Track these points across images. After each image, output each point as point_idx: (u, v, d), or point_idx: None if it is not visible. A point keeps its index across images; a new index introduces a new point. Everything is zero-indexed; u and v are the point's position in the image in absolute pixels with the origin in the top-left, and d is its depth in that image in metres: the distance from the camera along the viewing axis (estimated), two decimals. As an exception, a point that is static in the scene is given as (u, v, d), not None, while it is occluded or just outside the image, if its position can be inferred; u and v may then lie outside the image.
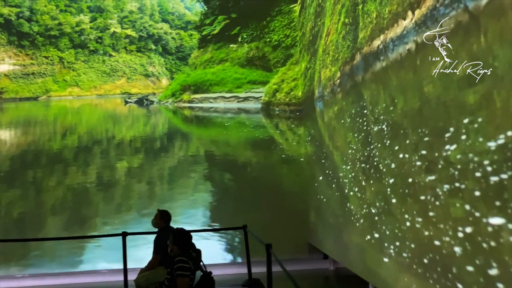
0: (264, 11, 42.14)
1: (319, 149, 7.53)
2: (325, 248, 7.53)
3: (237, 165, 17.03)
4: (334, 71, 5.96)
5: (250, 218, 9.44)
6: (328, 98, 6.36)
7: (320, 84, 6.82)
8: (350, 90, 5.52)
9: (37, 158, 20.28)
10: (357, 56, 5.23)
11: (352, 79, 5.41)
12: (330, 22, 6.32)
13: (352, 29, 5.44)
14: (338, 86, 5.87)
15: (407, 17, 3.75)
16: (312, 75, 7.63)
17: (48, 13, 61.29)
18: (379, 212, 4.86)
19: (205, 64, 46.31)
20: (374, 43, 4.60)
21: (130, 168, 17.35)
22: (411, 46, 3.74)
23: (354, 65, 5.32)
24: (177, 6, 76.77)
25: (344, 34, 5.67)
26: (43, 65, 61.37)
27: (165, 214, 5.47)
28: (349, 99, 5.60)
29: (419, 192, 3.80)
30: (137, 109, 46.69)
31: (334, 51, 5.94)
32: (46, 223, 10.90)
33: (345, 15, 5.66)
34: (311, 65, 7.81)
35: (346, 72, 5.58)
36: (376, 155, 4.87)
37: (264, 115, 31.45)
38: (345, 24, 5.62)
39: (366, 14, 4.91)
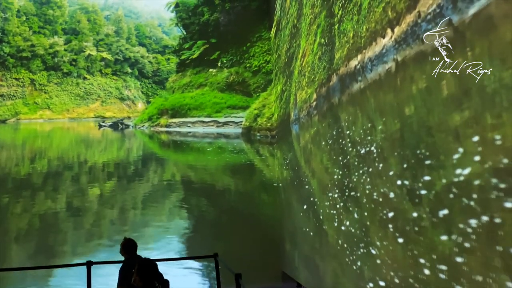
0: (244, 36, 42.57)
1: (295, 174, 7.27)
2: (299, 277, 7.22)
3: (214, 192, 16.63)
4: (310, 93, 5.74)
5: (225, 245, 9.33)
6: (304, 121, 6.12)
7: (296, 107, 6.60)
8: (326, 113, 5.29)
9: (2, 183, 19.30)
10: (334, 77, 5.02)
11: (329, 101, 5.19)
12: (305, 43, 6.16)
13: (328, 50, 5.26)
14: (315, 109, 5.64)
15: (386, 35, 3.56)
16: (287, 98, 7.42)
17: (20, 34, 60.21)
18: (357, 242, 4.58)
19: (184, 88, 46.17)
20: (351, 63, 4.40)
21: (102, 194, 16.70)
22: (390, 66, 3.52)
23: (330, 86, 5.11)
24: (154, 30, 77.16)
25: (320, 55, 5.49)
26: (13, 87, 59.89)
27: (128, 244, 5.05)
28: (325, 122, 5.36)
29: (401, 222, 3.52)
30: (111, 133, 45.85)
31: (310, 73, 5.74)
32: (10, 253, 10.26)
33: (321, 35, 5.50)
34: (287, 87, 7.62)
35: (323, 94, 5.37)
36: (354, 182, 4.61)
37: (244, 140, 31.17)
38: (321, 45, 5.42)
39: (343, 34, 4.72)
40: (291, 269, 7.81)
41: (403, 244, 3.62)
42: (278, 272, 8.60)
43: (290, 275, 7.90)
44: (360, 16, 4.23)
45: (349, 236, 4.87)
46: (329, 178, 5.30)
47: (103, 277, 7.42)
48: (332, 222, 5.51)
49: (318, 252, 6.11)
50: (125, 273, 4.69)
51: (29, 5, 64.02)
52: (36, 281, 8.66)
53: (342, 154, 4.86)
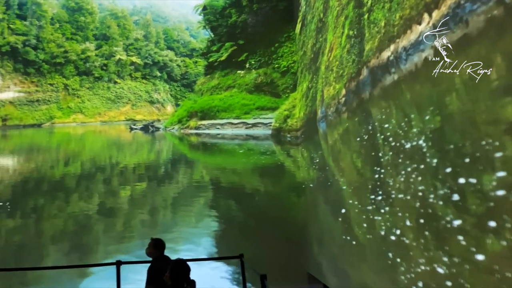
0: (272, 37, 42.18)
1: (323, 175, 6.97)
2: (327, 280, 6.94)
3: (243, 193, 16.59)
4: (338, 88, 5.42)
5: (252, 246, 9.30)
6: (332, 118, 5.80)
7: (323, 104, 6.28)
8: (356, 109, 4.96)
9: (38, 185, 19.97)
10: (364, 70, 4.69)
11: (359, 96, 4.86)
12: (333, 36, 5.85)
13: (357, 42, 4.93)
14: (343, 105, 5.31)
15: (423, 21, 3.23)
16: (314, 95, 7.12)
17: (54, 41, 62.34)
18: (392, 247, 4.25)
19: (212, 91, 46.45)
20: (383, 55, 4.08)
21: (133, 196, 16.97)
22: (428, 54, 3.18)
23: (360, 80, 4.78)
24: (182, 34, 78.01)
25: (349, 47, 5.17)
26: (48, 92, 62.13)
27: (158, 243, 4.97)
28: (355, 119, 5.03)
29: (440, 226, 3.18)
30: (141, 135, 46.49)
31: (338, 67, 5.43)
32: (46, 253, 10.54)
33: (349, 27, 5.18)
34: (313, 84, 7.31)
35: (352, 89, 5.04)
36: (388, 182, 4.26)
37: (274, 142, 30.62)
38: (350, 37, 5.11)
39: (373, 24, 4.39)
40: (317, 271, 7.58)
41: (444, 250, 3.27)
42: (303, 273, 8.45)
43: (316, 277, 7.70)
44: (393, 3, 3.91)
45: (382, 240, 4.55)
46: (360, 179, 4.98)
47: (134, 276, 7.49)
48: (363, 225, 5.19)
49: (348, 256, 5.84)
50: (155, 272, 4.66)
51: (62, 13, 66.43)
52: (71, 280, 8.78)
53: (375, 152, 4.53)
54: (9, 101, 55.46)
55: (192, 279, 4.32)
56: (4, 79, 54.53)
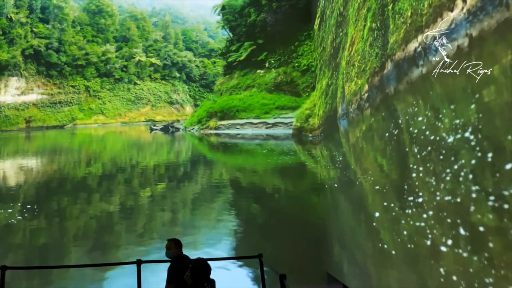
0: (292, 35, 41.68)
1: (343, 174, 6.72)
2: (346, 279, 6.73)
3: (263, 193, 16.46)
4: (360, 84, 5.14)
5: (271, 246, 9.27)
6: (354, 115, 5.52)
7: (343, 101, 6.01)
8: (380, 105, 4.70)
9: (61, 186, 20.33)
10: (388, 64, 4.43)
11: (383, 92, 4.59)
12: (354, 30, 5.58)
13: (380, 34, 4.67)
14: (366, 101, 5.05)
15: (456, 7, 2.96)
16: (334, 92, 6.85)
17: (75, 43, 63.58)
18: (418, 251, 3.98)
19: (231, 90, 46.31)
20: (409, 47, 3.81)
21: (153, 196, 17.05)
22: (462, 42, 2.90)
23: (384, 75, 4.52)
24: (200, 35, 78.43)
25: (371, 41, 4.91)
26: (70, 94, 63.40)
27: (178, 242, 5.12)
28: (379, 116, 4.76)
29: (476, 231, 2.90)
30: (161, 136, 46.85)
31: (360, 62, 5.15)
32: (69, 252, 10.67)
33: (372, 20, 4.91)
34: (333, 81, 7.04)
35: (375, 84, 4.78)
36: (416, 183, 3.99)
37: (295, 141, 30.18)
38: (372, 30, 4.85)
39: (398, 14, 4.12)
40: (337, 271, 7.40)
41: (478, 257, 2.99)
42: (322, 273, 8.31)
43: (336, 277, 7.52)
44: (420, -9, 3.64)
45: (409, 243, 4.28)
46: (385, 179, 4.70)
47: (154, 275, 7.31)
48: (388, 227, 4.93)
49: (370, 258, 5.62)
50: (174, 271, 4.74)
51: (83, 15, 67.74)
52: (93, 279, 8.82)
53: (400, 151, 4.26)
54: (33, 103, 57.14)
55: (212, 278, 4.32)
56: (28, 82, 56.18)
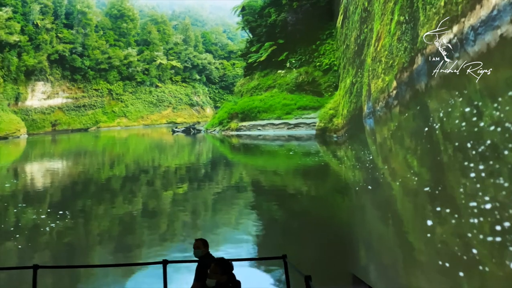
0: (313, 35, 41.08)
1: (370, 175, 6.48)
2: (372, 281, 6.53)
3: (284, 195, 16.23)
4: (388, 80, 4.89)
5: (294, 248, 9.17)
6: (381, 113, 5.26)
7: (369, 99, 5.76)
8: (410, 102, 4.46)
9: (86, 187, 20.68)
10: (418, 58, 4.19)
11: (413, 88, 4.36)
12: (380, 25, 5.34)
13: (409, 28, 4.43)
14: (395, 98, 4.81)
15: (497, -9, 2.72)
16: (359, 90, 6.61)
17: (98, 47, 64.91)
18: (452, 257, 3.75)
19: (252, 91, 46.02)
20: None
21: (175, 197, 17.12)
22: (506, 30, 2.65)
23: (414, 70, 4.28)
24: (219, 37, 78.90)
25: (399, 35, 4.67)
26: (94, 97, 64.68)
27: (205, 242, 5.20)
28: (409, 113, 4.53)
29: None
30: (183, 138, 47.12)
31: (387, 57, 4.89)
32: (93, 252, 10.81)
33: (400, 13, 4.66)
34: (358, 78, 6.80)
35: (404, 80, 4.54)
36: (451, 184, 3.74)
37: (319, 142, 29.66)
38: (400, 23, 4.61)
39: (429, 5, 3.88)
40: (363, 273, 7.22)
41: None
42: (348, 275, 8.14)
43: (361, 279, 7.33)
44: (455, -22, 3.39)
45: (442, 249, 4.04)
46: (416, 180, 4.45)
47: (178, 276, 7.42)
48: (418, 231, 4.70)
49: (399, 262, 5.41)
50: (201, 270, 4.79)
51: (105, 20, 69.14)
52: (117, 279, 8.88)
53: (433, 151, 4.01)
54: (58, 107, 58.75)
55: (238, 280, 4.36)
56: (54, 86, 57.79)
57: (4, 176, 24.78)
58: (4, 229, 12.34)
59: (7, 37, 50.69)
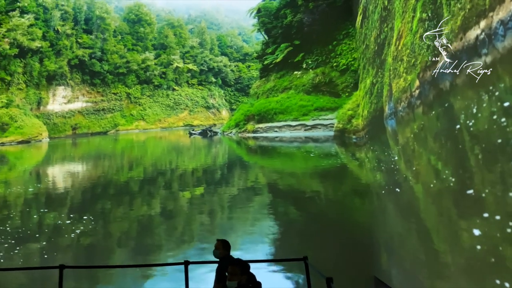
0: (329, 35, 40.61)
1: (391, 178, 6.33)
2: (395, 285, 6.37)
3: (302, 197, 16.13)
4: (410, 80, 4.75)
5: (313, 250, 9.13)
6: (403, 114, 5.11)
7: (391, 99, 5.60)
8: (434, 102, 4.31)
9: (105, 190, 20.98)
10: (442, 56, 4.03)
11: (437, 87, 4.22)
12: (401, 23, 5.20)
13: (432, 25, 4.29)
14: (417, 98, 4.67)
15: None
16: (379, 90, 6.46)
17: (117, 52, 66.06)
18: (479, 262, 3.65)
19: (268, 93, 45.85)
20: (468, 35, 3.43)
21: (192, 199, 17.20)
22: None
23: (438, 68, 4.12)
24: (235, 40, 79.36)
25: (422, 32, 4.52)
26: (112, 101, 65.79)
27: (226, 243, 5.16)
28: (433, 114, 4.38)
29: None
30: (200, 140, 47.39)
31: (409, 56, 4.75)
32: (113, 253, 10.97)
33: (422, 10, 4.52)
34: (378, 79, 6.65)
35: (427, 79, 4.40)
36: (477, 187, 3.59)
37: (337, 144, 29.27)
38: (423, 20, 4.47)
39: (454, 0, 3.76)
40: (385, 275, 7.08)
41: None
42: (369, 277, 8.01)
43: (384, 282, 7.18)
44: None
45: (470, 253, 3.88)
46: (441, 183, 4.30)
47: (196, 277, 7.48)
48: (444, 235, 4.55)
49: (423, 265, 5.26)
50: (222, 272, 4.77)
51: (123, 25, 70.31)
52: (135, 280, 8.99)
53: (459, 152, 3.86)
54: (78, 111, 60.03)
55: (258, 281, 4.36)
56: (74, 91, 59.07)
57: (28, 179, 25.35)
58: (27, 231, 12.60)
59: (29, 43, 52.02)
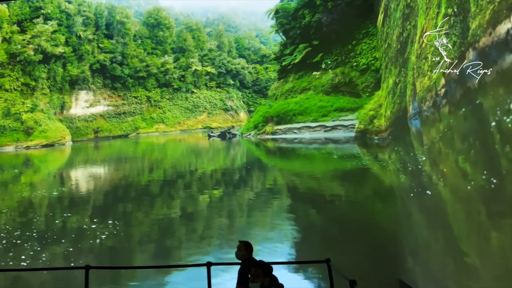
0: (349, 34, 40.13)
1: (416, 180, 6.16)
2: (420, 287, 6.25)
3: (322, 199, 15.98)
4: (435, 78, 4.58)
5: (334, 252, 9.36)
6: (428, 114, 4.93)
7: (415, 98, 5.42)
8: (461, 101, 4.14)
9: (127, 192, 21.30)
10: (469, 53, 3.89)
11: (464, 85, 4.05)
12: (425, 19, 5.04)
13: (458, 20, 4.13)
14: (443, 97, 4.51)
15: None
16: (403, 90, 6.28)
17: (137, 56, 67.27)
18: None
19: (286, 94, 45.59)
20: (498, 30, 3.27)
21: (211, 201, 17.29)
22: None
23: (465, 66, 3.95)
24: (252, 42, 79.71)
25: (447, 28, 4.34)
26: (133, 104, 67.02)
27: (249, 245, 5.20)
28: (460, 113, 4.21)
29: None
30: (219, 142, 47.69)
31: (434, 53, 4.60)
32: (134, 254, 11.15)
33: (447, 5, 4.35)
34: (401, 78, 6.47)
35: (454, 77, 4.23)
36: (509, 188, 3.42)
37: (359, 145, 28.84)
38: (448, 16, 4.32)
39: (482, -6, 3.62)
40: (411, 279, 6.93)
41: None
42: (394, 280, 7.89)
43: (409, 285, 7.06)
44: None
45: (500, 257, 3.74)
46: (469, 186, 4.13)
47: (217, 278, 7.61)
48: (472, 238, 4.40)
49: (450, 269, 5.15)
50: (244, 273, 4.83)
51: (143, 29, 71.55)
52: (156, 280, 8.95)
53: (489, 153, 3.70)
54: (100, 115, 61.31)
55: (281, 283, 4.37)
56: (95, 95, 60.36)
57: (52, 182, 25.97)
58: (51, 233, 12.88)
59: (52, 49, 53.38)
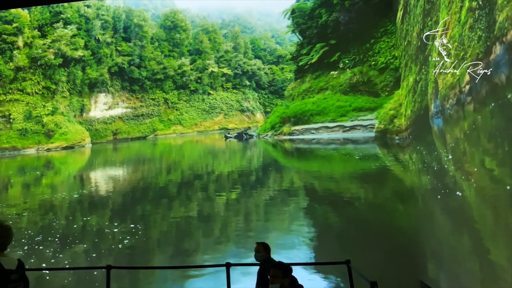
0: (367, 33, 39.51)
1: (438, 181, 5.97)
2: None
3: (340, 201, 15.83)
4: (459, 75, 4.42)
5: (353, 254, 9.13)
6: (451, 112, 4.76)
7: (437, 96, 5.25)
8: (487, 98, 3.97)
9: (145, 193, 21.53)
10: (496, 48, 3.73)
11: (490, 82, 3.88)
12: (447, 14, 4.87)
13: (484, 14, 3.97)
14: (468, 94, 4.34)
15: None
16: (423, 88, 6.09)
17: (154, 58, 68.28)
18: None
19: (303, 95, 45.17)
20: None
21: (228, 202, 17.31)
22: None
23: (491, 61, 3.80)
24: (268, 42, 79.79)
25: (472, 23, 4.21)
26: (151, 106, 68.03)
27: (267, 246, 5.28)
28: (486, 110, 4.03)
29: None
30: (236, 143, 47.78)
31: (458, 49, 4.41)
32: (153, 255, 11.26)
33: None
34: (422, 76, 6.29)
35: (479, 73, 4.06)
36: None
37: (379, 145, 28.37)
38: (472, 10, 4.15)
39: (510, -15, 3.46)
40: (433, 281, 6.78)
41: None
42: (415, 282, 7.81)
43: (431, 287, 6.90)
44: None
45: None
46: (497, 186, 3.96)
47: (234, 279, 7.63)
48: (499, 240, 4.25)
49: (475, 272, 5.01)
50: (264, 274, 4.87)
51: (160, 32, 72.43)
52: (174, 280, 9.02)
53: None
54: (118, 117, 62.34)
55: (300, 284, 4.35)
56: (114, 97, 61.40)
57: (72, 183, 26.45)
58: (72, 233, 13.09)
59: (72, 53, 54.50)
